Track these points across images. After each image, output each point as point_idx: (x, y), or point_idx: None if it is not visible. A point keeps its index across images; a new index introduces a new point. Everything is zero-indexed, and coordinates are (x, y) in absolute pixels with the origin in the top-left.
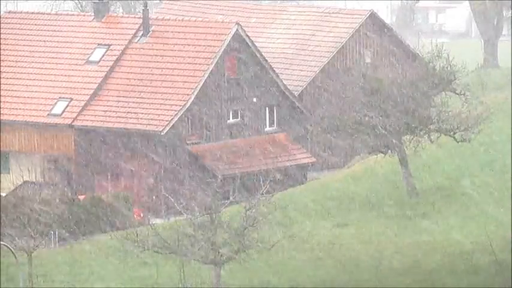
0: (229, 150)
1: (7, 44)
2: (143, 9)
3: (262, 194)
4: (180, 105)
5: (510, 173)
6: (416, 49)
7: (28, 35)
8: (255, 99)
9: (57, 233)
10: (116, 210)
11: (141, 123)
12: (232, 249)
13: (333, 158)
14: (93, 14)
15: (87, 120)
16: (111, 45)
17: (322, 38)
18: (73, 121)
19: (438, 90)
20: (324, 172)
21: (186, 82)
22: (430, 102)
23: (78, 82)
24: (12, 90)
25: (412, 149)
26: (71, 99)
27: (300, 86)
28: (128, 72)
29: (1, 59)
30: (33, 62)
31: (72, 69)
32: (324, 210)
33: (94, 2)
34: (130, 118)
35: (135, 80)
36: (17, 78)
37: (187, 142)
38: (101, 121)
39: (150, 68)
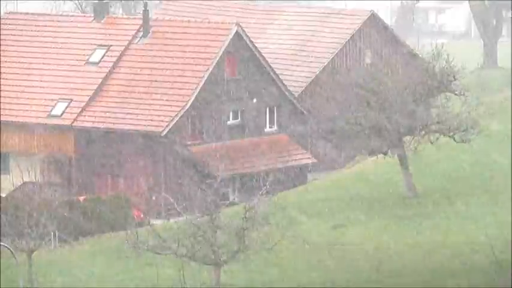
0: (229, 151)
1: (7, 45)
2: (143, 10)
3: (262, 194)
4: (180, 106)
5: (510, 173)
6: (416, 49)
7: (28, 36)
8: (255, 100)
9: (57, 234)
10: (115, 210)
11: (141, 124)
12: (232, 249)
13: (333, 159)
14: (93, 14)
15: (87, 121)
16: (111, 46)
17: (323, 39)
18: (73, 122)
19: (438, 91)
20: (324, 173)
21: (186, 83)
22: (429, 103)
23: (78, 83)
24: (12, 91)
25: (412, 150)
26: (71, 100)
27: (300, 87)
28: (128, 73)
29: (1, 59)
30: (33, 63)
31: (72, 70)
32: (324, 210)
33: (94, 3)
34: (130, 119)
35: (135, 80)
36: (17, 79)
37: (188, 143)
38: (101, 122)
39: (150, 68)
